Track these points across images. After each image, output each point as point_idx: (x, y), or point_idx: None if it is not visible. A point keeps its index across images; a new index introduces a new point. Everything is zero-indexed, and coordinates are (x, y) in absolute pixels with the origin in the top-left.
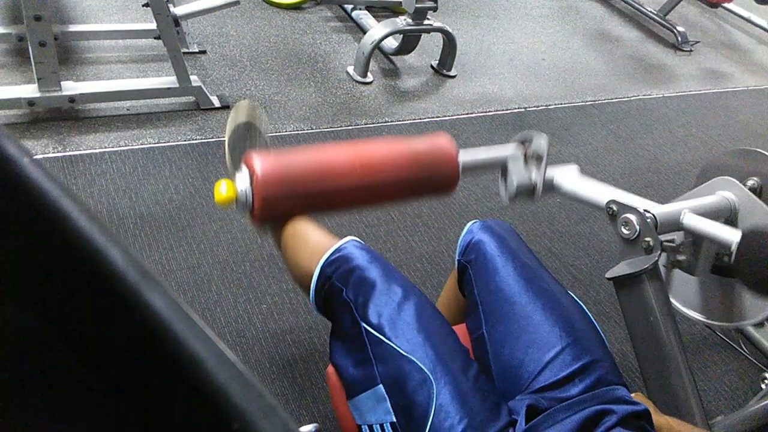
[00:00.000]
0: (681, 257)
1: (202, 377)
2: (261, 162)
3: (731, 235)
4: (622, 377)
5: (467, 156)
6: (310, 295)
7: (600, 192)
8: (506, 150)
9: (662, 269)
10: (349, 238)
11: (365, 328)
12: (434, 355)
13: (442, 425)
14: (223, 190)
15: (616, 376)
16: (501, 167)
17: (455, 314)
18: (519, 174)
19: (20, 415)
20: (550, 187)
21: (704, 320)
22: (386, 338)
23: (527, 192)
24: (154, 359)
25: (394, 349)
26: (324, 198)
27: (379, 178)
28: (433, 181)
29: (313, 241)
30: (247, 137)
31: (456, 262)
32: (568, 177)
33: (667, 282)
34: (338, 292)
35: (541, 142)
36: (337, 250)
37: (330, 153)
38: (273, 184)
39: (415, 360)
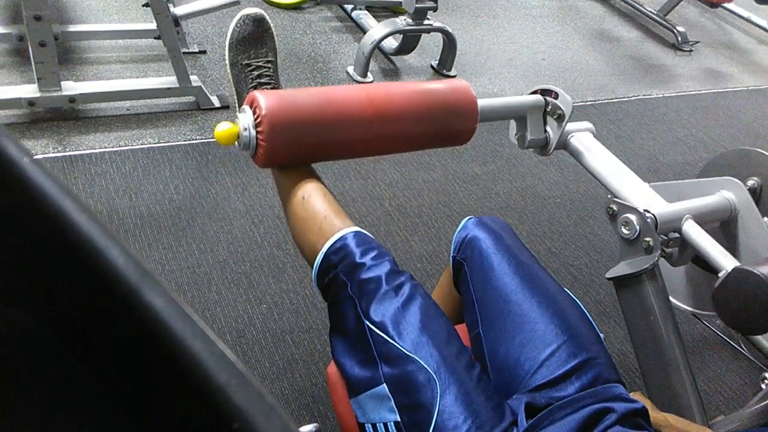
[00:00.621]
0: (669, 250)
1: (202, 377)
2: (266, 99)
3: (725, 263)
4: (619, 374)
5: (486, 102)
6: (312, 273)
7: (609, 169)
8: (527, 99)
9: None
10: (355, 228)
11: (369, 327)
12: (438, 355)
13: (447, 425)
14: (224, 126)
15: (612, 373)
16: (518, 115)
17: (450, 311)
18: (536, 125)
19: (21, 414)
20: (563, 145)
21: (691, 309)
22: (390, 338)
23: (540, 145)
24: (154, 359)
25: (399, 349)
26: (334, 144)
27: (394, 121)
28: (450, 123)
29: (321, 216)
30: (254, 38)
31: (451, 259)
32: (584, 142)
33: (671, 282)
34: (343, 286)
35: (567, 100)
36: (342, 238)
37: (341, 94)
38: (278, 121)
39: (419, 360)
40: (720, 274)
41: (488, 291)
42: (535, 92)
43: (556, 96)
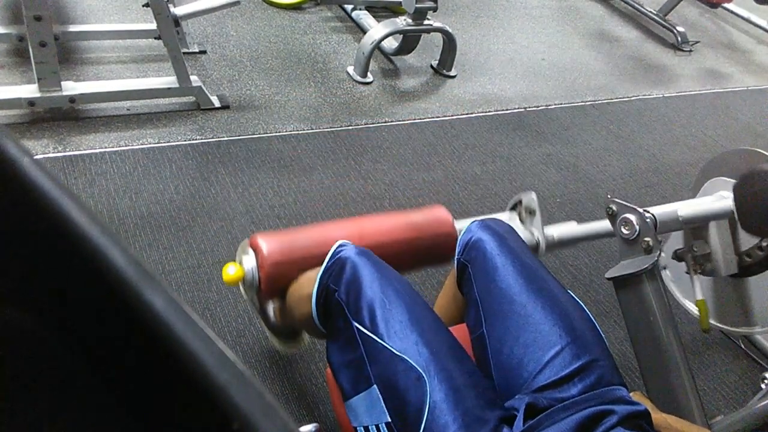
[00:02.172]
0: (708, 264)
1: (202, 377)
2: (266, 243)
3: (725, 201)
4: (622, 377)
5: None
6: (313, 314)
7: (600, 224)
8: (502, 218)
9: (685, 276)
10: (339, 241)
11: (357, 328)
12: (427, 353)
13: (437, 423)
14: (231, 271)
15: (615, 375)
16: None
17: (455, 314)
18: (523, 233)
19: (22, 414)
20: (554, 243)
21: (720, 326)
22: (378, 337)
23: (532, 250)
24: (155, 359)
25: (387, 348)
26: None
27: (383, 252)
28: (431, 253)
29: (310, 273)
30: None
31: (455, 261)
32: (568, 228)
33: (688, 288)
34: (332, 293)
35: (531, 198)
36: (333, 254)
37: (332, 230)
38: (278, 263)
39: (407, 359)
40: (731, 209)
41: (492, 292)
42: (512, 208)
43: (521, 202)
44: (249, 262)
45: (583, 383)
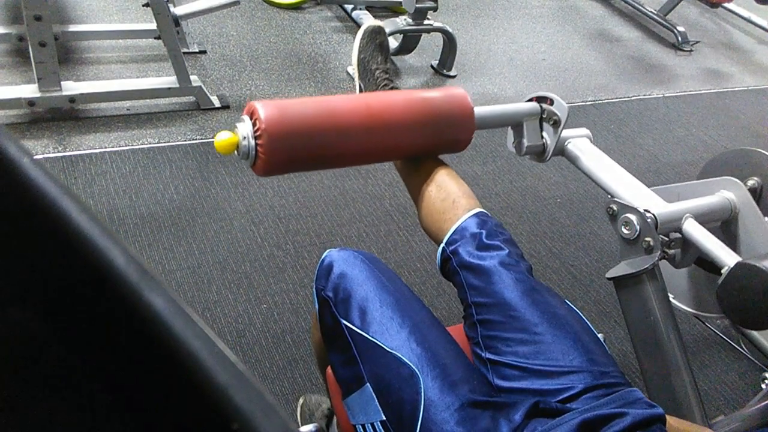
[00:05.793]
0: (672, 251)
1: (202, 377)
2: (265, 110)
3: (727, 259)
4: (626, 379)
5: (483, 110)
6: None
7: (608, 172)
8: (523, 107)
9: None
10: (328, 250)
11: (346, 326)
12: (420, 349)
13: (434, 420)
14: (224, 135)
15: (622, 382)
16: (514, 123)
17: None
18: (533, 132)
19: (21, 416)
20: (560, 151)
21: (694, 311)
22: (369, 335)
23: (537, 152)
24: (154, 359)
25: (378, 345)
26: (333, 155)
27: (392, 132)
28: (447, 132)
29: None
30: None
31: (439, 250)
32: (581, 147)
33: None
34: (319, 292)
35: (562, 106)
36: (321, 261)
37: (341, 105)
38: (277, 134)
39: (400, 356)
40: (723, 271)
41: (492, 307)
42: (531, 99)
43: (552, 102)
44: (244, 128)
45: (596, 393)
